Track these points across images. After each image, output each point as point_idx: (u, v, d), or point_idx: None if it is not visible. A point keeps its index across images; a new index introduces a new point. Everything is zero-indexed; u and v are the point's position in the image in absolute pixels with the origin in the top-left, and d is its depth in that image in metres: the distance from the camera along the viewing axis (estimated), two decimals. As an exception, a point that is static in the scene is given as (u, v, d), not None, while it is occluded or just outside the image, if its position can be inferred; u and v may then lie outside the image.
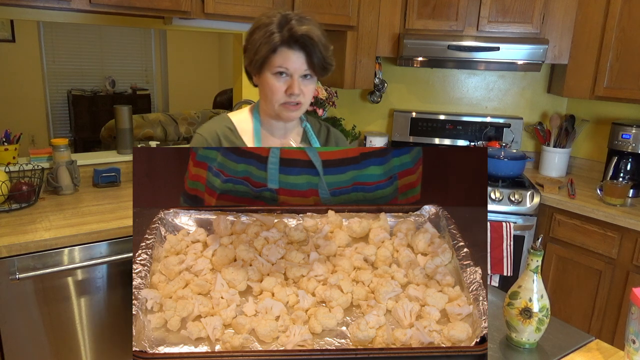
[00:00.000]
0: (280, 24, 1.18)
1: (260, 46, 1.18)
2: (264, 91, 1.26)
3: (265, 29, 1.18)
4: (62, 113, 6.41)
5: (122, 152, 2.47)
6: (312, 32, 1.18)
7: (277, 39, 1.17)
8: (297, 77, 1.21)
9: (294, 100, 1.23)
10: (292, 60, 1.19)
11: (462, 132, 3.05)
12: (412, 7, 2.66)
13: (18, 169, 2.08)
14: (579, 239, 2.34)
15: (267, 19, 1.20)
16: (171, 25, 2.36)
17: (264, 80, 1.23)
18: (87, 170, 2.32)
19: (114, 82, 6.58)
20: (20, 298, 1.67)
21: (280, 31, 1.17)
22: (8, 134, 2.14)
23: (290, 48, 1.18)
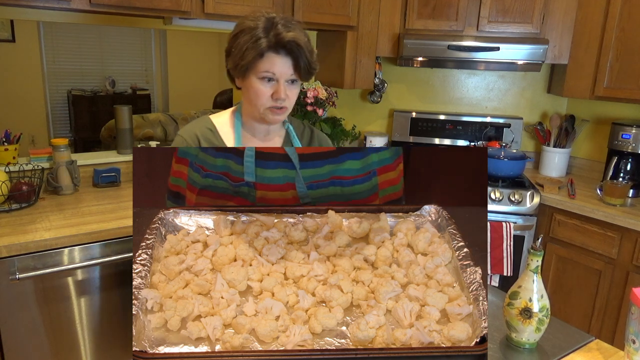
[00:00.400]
0: (266, 29, 1.17)
1: (247, 51, 1.17)
2: (249, 95, 1.25)
3: (251, 34, 1.17)
4: (62, 113, 6.41)
5: (122, 152, 2.47)
6: (299, 37, 1.18)
7: (264, 44, 1.16)
8: (283, 82, 1.21)
9: (279, 104, 1.23)
10: (279, 65, 1.19)
11: (462, 132, 3.05)
12: (412, 7, 2.66)
13: (18, 169, 2.08)
14: (579, 239, 2.34)
15: (252, 22, 1.19)
16: (171, 25, 2.36)
17: (249, 85, 1.23)
18: (87, 170, 2.32)
19: (114, 82, 6.58)
20: (20, 298, 1.67)
21: (266, 36, 1.17)
22: (8, 134, 2.14)
23: (277, 53, 1.18)
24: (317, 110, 2.63)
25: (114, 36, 6.50)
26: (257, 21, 1.19)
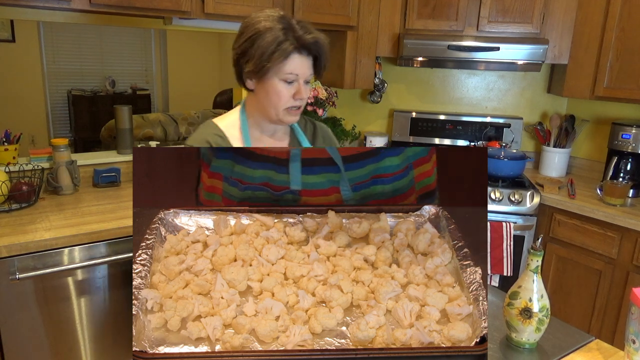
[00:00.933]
0: (285, 30, 1.18)
1: (273, 54, 1.17)
2: (269, 97, 1.25)
3: (273, 35, 1.17)
4: (62, 113, 6.41)
5: (122, 152, 2.47)
6: (320, 37, 1.22)
7: (289, 46, 1.18)
8: (302, 82, 1.23)
9: (299, 103, 1.26)
10: (302, 65, 1.21)
11: (462, 132, 3.05)
12: (412, 7, 2.66)
13: (18, 169, 2.08)
14: (579, 239, 2.34)
15: (265, 22, 1.19)
16: (171, 25, 2.36)
17: (270, 86, 1.23)
18: (87, 170, 2.32)
19: (114, 82, 6.58)
20: (20, 298, 1.67)
21: (288, 38, 1.18)
22: (8, 134, 2.14)
23: (300, 54, 1.20)
24: (317, 110, 2.63)
25: (114, 36, 6.51)
26: (271, 22, 1.19)
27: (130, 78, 6.83)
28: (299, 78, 1.22)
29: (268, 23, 1.19)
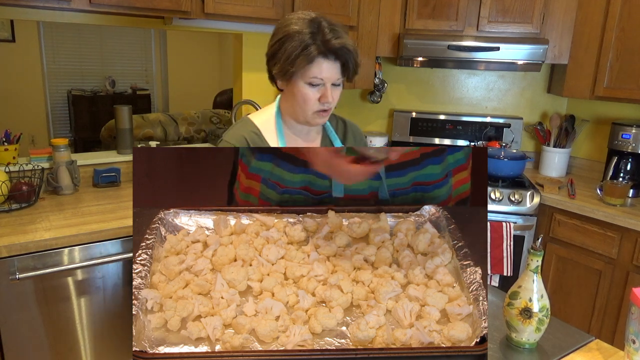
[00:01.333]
0: (313, 34, 1.17)
1: (297, 58, 1.17)
2: (295, 99, 1.25)
3: (299, 39, 1.17)
4: (62, 113, 6.41)
5: (122, 152, 2.47)
6: (348, 42, 1.19)
7: (314, 51, 1.17)
8: (329, 85, 1.22)
9: (326, 107, 1.25)
10: (327, 70, 1.20)
11: (462, 132, 3.05)
12: (412, 7, 2.66)
13: (18, 169, 2.08)
14: (579, 239, 2.34)
15: (295, 25, 1.18)
16: (171, 25, 2.36)
17: (296, 89, 1.23)
18: (87, 170, 2.32)
19: (114, 82, 6.58)
20: (20, 298, 1.67)
21: (315, 42, 1.17)
22: (8, 134, 2.14)
23: (326, 58, 1.19)
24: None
25: (114, 36, 6.51)
26: (301, 25, 1.18)
27: (130, 78, 6.83)
28: (325, 82, 1.21)
29: (297, 26, 1.18)
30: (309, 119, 1.28)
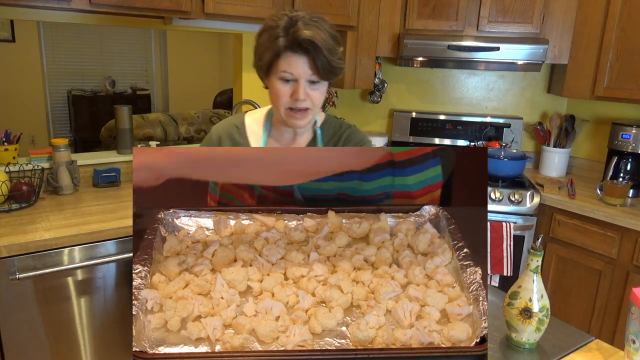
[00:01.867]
0: (286, 28, 1.14)
1: (265, 50, 1.16)
2: (271, 96, 1.23)
3: (271, 32, 1.15)
4: (62, 113, 6.42)
5: (122, 152, 2.47)
6: (316, 35, 1.12)
7: (281, 43, 1.13)
8: (302, 82, 1.16)
9: (299, 105, 1.18)
10: (296, 65, 1.15)
11: (462, 132, 3.05)
12: (412, 7, 2.66)
13: (18, 169, 2.08)
14: (579, 239, 2.34)
15: (273, 21, 1.16)
16: (171, 25, 2.36)
17: (271, 85, 1.21)
18: (87, 170, 2.32)
19: (114, 82, 6.58)
20: (20, 298, 1.67)
21: (285, 35, 1.13)
22: (8, 134, 2.14)
23: (293, 52, 1.14)
24: (317, 110, 2.62)
25: (114, 36, 6.51)
26: (279, 20, 1.16)
27: (130, 78, 6.83)
28: (297, 78, 1.16)
29: (273, 21, 1.16)
30: (284, 118, 1.22)
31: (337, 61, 1.18)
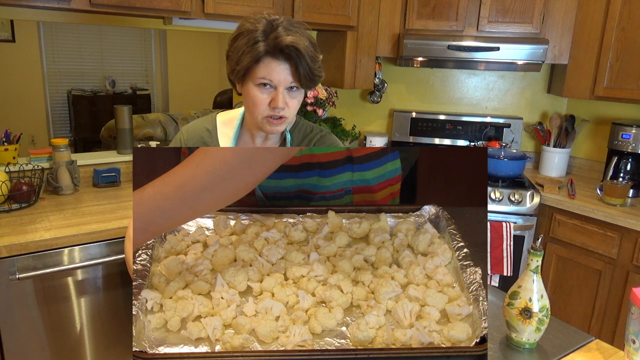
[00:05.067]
0: (265, 32, 1.08)
1: (243, 55, 1.09)
2: (247, 102, 1.17)
3: (249, 36, 1.08)
4: (62, 113, 6.42)
5: (122, 152, 2.47)
6: (299, 42, 1.08)
7: (261, 48, 1.07)
8: (282, 90, 1.11)
9: (277, 113, 1.13)
10: (277, 72, 1.09)
11: (462, 132, 3.05)
12: (412, 7, 2.66)
13: (18, 169, 2.08)
14: (579, 239, 2.34)
15: (251, 24, 1.09)
16: (171, 25, 2.37)
17: (247, 91, 1.14)
18: (87, 170, 2.32)
19: (114, 82, 6.58)
20: (20, 298, 1.67)
21: (265, 39, 1.07)
22: (8, 134, 2.14)
23: (275, 58, 1.08)
24: (317, 110, 2.63)
25: (114, 36, 6.51)
26: (257, 23, 1.09)
27: (130, 78, 6.83)
28: (276, 85, 1.10)
29: (252, 25, 1.09)
30: (260, 125, 1.17)
31: (318, 69, 1.14)
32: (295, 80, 1.11)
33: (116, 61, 6.65)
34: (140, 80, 6.93)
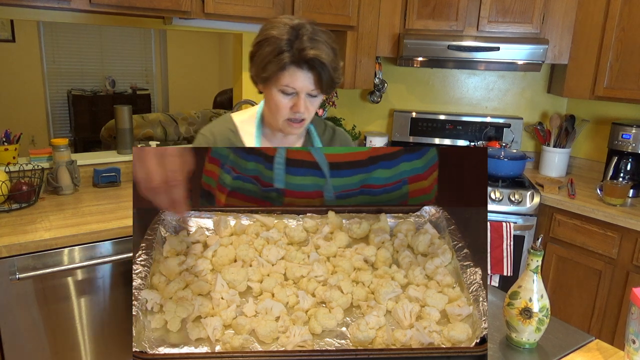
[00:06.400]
0: (290, 41, 1.13)
1: (269, 64, 1.15)
2: (269, 104, 1.25)
3: (275, 45, 1.14)
4: (62, 113, 6.41)
5: (122, 152, 2.47)
6: (322, 54, 1.14)
7: (286, 58, 1.13)
8: (303, 96, 1.19)
9: (298, 117, 1.22)
10: (300, 80, 1.16)
11: (462, 132, 3.05)
12: (412, 7, 2.66)
13: (18, 169, 2.08)
14: (579, 239, 2.34)
15: (276, 31, 1.15)
16: (171, 25, 2.36)
17: (270, 95, 1.22)
18: (87, 170, 2.32)
19: (114, 82, 6.58)
20: (20, 298, 1.67)
21: (289, 49, 1.13)
22: (8, 134, 2.14)
23: (299, 68, 1.15)
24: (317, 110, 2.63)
25: (114, 36, 6.50)
26: (282, 30, 1.14)
27: (130, 78, 6.83)
28: (299, 91, 1.18)
29: (277, 31, 1.15)
30: (281, 127, 1.25)
31: (338, 77, 1.21)
32: (316, 88, 1.19)
33: (116, 61, 6.64)
34: (140, 80, 6.93)
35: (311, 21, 1.19)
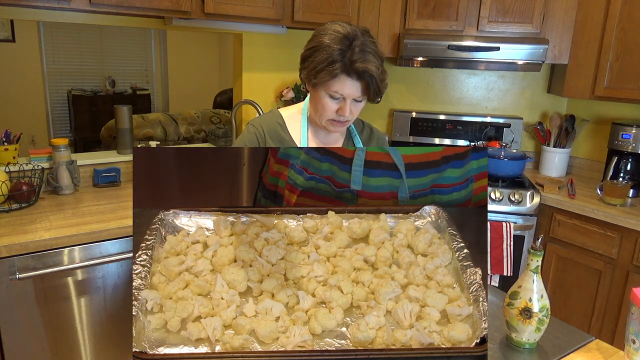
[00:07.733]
0: (342, 52, 1.19)
1: (321, 72, 1.21)
2: (315, 104, 1.30)
3: (327, 54, 1.20)
4: (62, 113, 6.41)
5: (122, 152, 2.47)
6: (372, 66, 1.20)
7: (338, 68, 1.19)
8: (349, 101, 1.25)
9: (342, 120, 1.28)
10: (349, 87, 1.22)
11: (462, 132, 3.05)
12: (412, 7, 2.66)
13: (18, 169, 2.08)
14: (579, 239, 2.34)
15: (329, 38, 1.20)
16: (171, 25, 2.36)
17: (317, 96, 1.27)
18: (87, 170, 2.32)
19: (114, 82, 6.57)
20: (20, 298, 1.67)
21: (341, 59, 1.19)
22: (8, 134, 2.14)
23: (349, 77, 1.21)
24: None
25: (114, 36, 6.50)
26: (334, 39, 1.20)
27: (130, 78, 6.83)
28: (346, 97, 1.24)
29: (330, 39, 1.20)
30: (324, 125, 1.32)
31: (385, 85, 1.28)
32: (363, 95, 1.26)
33: (116, 61, 6.64)
34: (140, 80, 6.93)
35: (363, 29, 1.25)
